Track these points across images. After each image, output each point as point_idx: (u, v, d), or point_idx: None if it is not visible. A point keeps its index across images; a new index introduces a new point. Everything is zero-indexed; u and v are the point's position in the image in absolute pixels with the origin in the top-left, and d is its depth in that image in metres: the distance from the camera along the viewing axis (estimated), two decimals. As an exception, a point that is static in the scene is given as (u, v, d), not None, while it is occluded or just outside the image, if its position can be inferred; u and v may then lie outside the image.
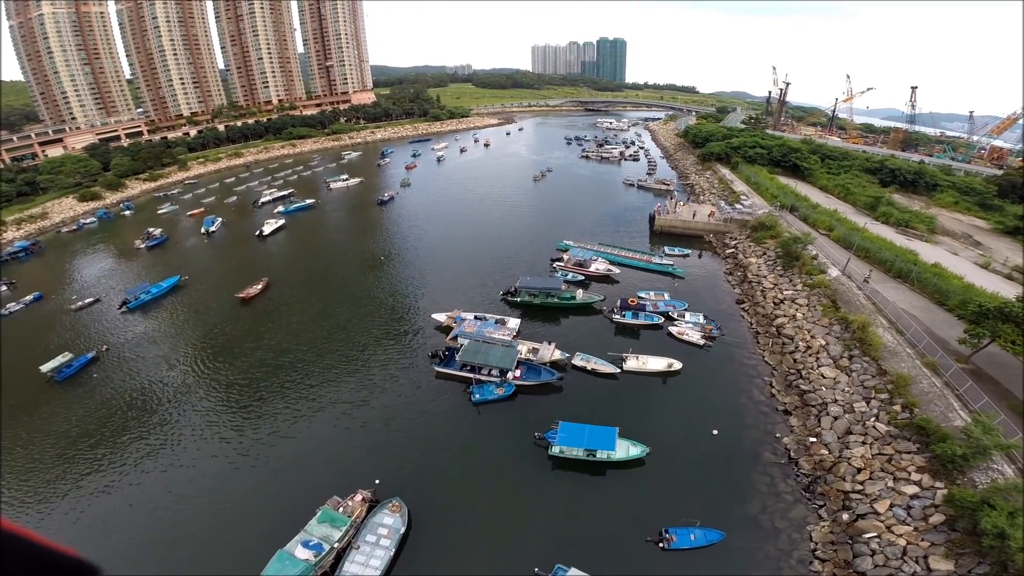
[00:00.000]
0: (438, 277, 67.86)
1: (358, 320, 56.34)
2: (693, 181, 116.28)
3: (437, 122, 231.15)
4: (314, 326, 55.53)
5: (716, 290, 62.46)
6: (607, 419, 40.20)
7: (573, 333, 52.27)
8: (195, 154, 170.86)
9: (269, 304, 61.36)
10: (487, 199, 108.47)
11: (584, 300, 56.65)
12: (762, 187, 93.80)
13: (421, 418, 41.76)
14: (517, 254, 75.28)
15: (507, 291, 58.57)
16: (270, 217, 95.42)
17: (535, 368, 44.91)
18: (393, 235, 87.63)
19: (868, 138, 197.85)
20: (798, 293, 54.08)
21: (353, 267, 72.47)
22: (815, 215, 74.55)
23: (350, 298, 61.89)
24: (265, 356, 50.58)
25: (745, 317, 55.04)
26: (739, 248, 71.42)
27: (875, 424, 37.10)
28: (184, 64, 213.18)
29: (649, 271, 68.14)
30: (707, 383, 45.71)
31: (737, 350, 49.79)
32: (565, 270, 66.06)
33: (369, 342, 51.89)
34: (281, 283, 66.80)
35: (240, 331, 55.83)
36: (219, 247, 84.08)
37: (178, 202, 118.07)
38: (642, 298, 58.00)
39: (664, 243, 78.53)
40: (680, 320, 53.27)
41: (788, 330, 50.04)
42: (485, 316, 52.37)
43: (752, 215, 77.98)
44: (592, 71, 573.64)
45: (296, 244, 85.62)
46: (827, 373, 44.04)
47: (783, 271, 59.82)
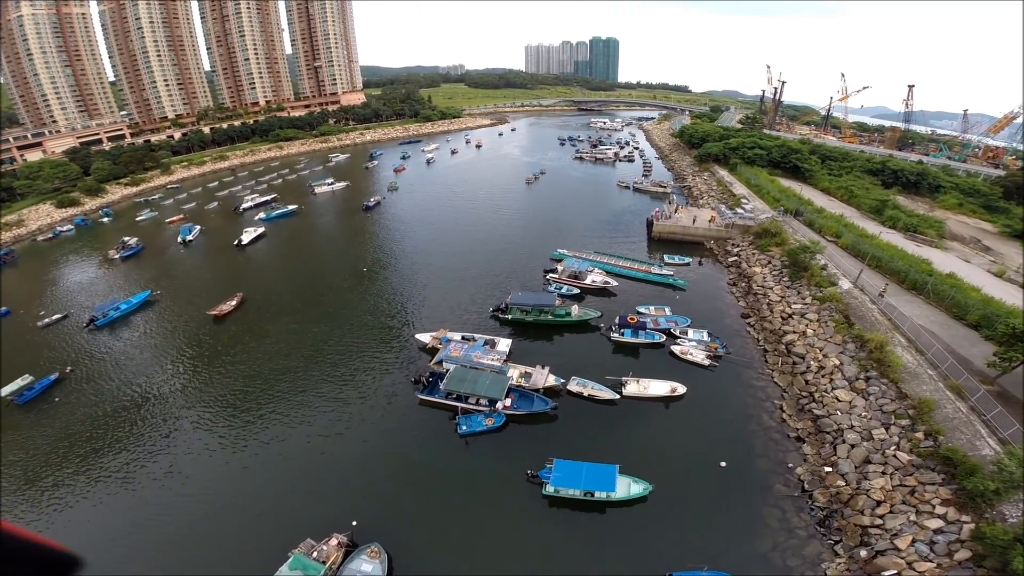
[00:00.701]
0: (423, 291, 63.88)
1: (336, 341, 52.39)
2: (690, 183, 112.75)
3: (428, 123, 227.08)
4: (288, 348, 51.63)
5: (719, 303, 58.94)
6: (606, 452, 37.17)
7: (568, 354, 48.61)
8: (179, 157, 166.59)
9: (243, 322, 57.43)
10: (478, 204, 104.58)
11: (580, 317, 52.94)
12: (763, 190, 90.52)
13: (403, 451, 38.19)
14: (508, 265, 71.21)
15: (497, 307, 54.71)
16: (251, 224, 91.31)
17: (527, 396, 41.33)
18: (377, 244, 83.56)
19: (863, 137, 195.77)
20: (807, 307, 50.73)
21: (334, 280, 68.23)
22: (821, 220, 71.15)
23: (329, 316, 57.79)
24: (235, 382, 46.77)
25: (751, 333, 51.68)
26: (742, 256, 67.87)
27: (896, 453, 34.23)
28: (168, 65, 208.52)
29: (648, 282, 64.35)
30: (713, 408, 42.38)
31: (744, 370, 46.45)
32: (559, 283, 62.29)
33: (347, 366, 48.04)
34: (257, 298, 62.74)
35: (210, 353, 51.94)
36: (196, 257, 79.95)
37: (159, 208, 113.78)
38: (642, 314, 54.53)
39: (663, 250, 75.03)
40: (683, 338, 49.79)
41: (798, 348, 46.74)
42: (473, 337, 48.55)
43: (754, 220, 74.53)
44: (585, 71, 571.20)
45: (275, 254, 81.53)
46: (842, 396, 40.79)
47: (790, 282, 56.36)
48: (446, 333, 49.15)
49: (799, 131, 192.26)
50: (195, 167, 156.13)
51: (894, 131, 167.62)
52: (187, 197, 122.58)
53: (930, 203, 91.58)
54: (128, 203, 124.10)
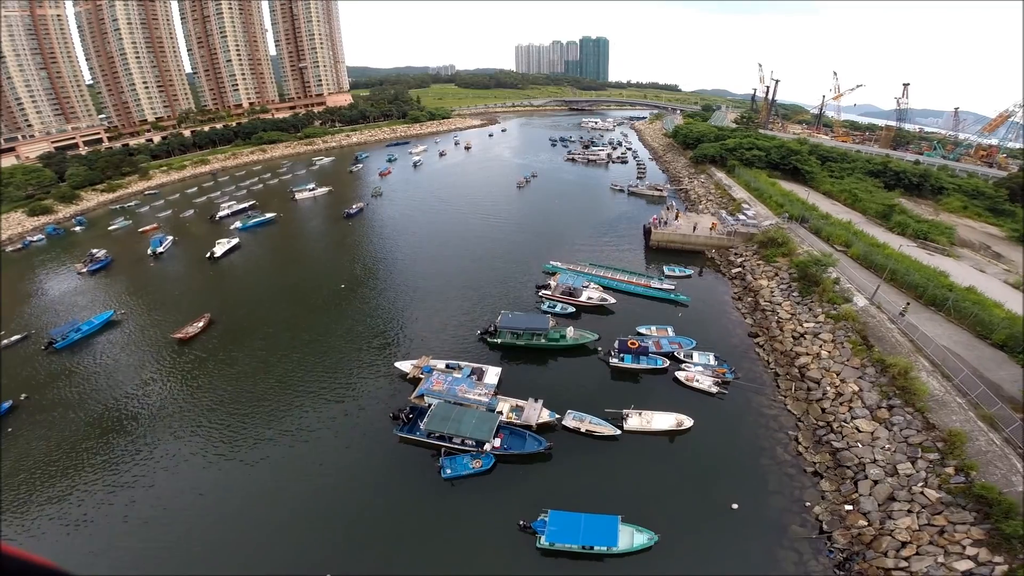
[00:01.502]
0: (405, 312, 58.84)
1: (308, 369, 47.80)
2: (687, 186, 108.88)
3: (416, 124, 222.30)
4: (255, 377, 47.08)
5: (724, 320, 54.89)
6: (605, 497, 33.64)
7: (563, 382, 44.51)
8: (159, 162, 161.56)
9: (209, 346, 52.82)
10: (466, 210, 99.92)
11: (575, 340, 48.56)
12: (764, 194, 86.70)
13: (380, 496, 34.25)
14: (498, 279, 66.27)
15: (485, 330, 50.14)
16: (226, 234, 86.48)
17: (519, 434, 37.23)
18: (357, 257, 78.14)
19: (856, 136, 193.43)
20: (821, 326, 46.97)
21: (309, 298, 63.12)
22: (829, 228, 67.20)
23: (301, 341, 52.91)
24: (196, 415, 42.34)
25: (761, 355, 47.75)
26: (746, 267, 63.82)
27: (924, 490, 31.29)
28: (148, 67, 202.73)
29: (648, 298, 59.98)
30: (722, 442, 38.67)
31: (755, 397, 42.71)
32: (552, 300, 57.80)
33: (319, 398, 43.55)
34: (225, 319, 58.01)
35: (173, 381, 47.42)
36: (165, 272, 74.87)
37: (133, 216, 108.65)
38: (642, 335, 50.46)
39: (661, 260, 71.06)
40: (688, 362, 45.90)
41: (813, 372, 43.08)
42: (459, 364, 44.16)
43: (758, 227, 70.68)
44: (576, 70, 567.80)
45: (249, 268, 76.38)
46: (863, 426, 37.41)
47: (800, 298, 52.45)
48: (428, 361, 44.72)
49: (792, 130, 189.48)
50: (175, 172, 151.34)
51: (888, 130, 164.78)
52: (164, 204, 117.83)
53: (934, 206, 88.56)
54: (104, 210, 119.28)
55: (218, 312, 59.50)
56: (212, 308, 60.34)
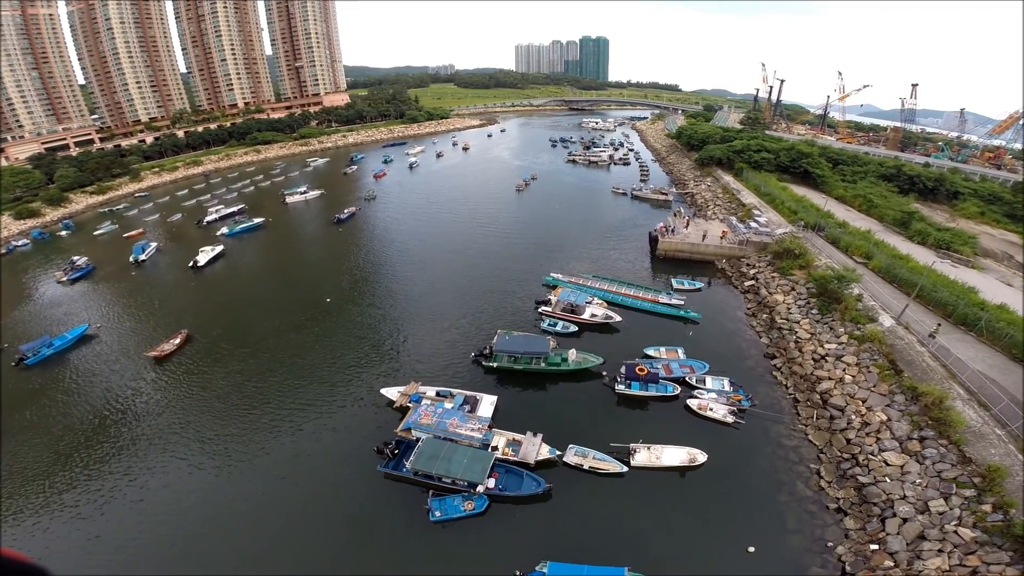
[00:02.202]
0: (393, 330, 54.68)
1: (286, 395, 44.08)
2: (693, 190, 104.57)
3: (414, 124, 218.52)
4: (230, 401, 43.60)
5: (738, 339, 51.01)
6: (611, 543, 30.47)
7: (565, 412, 40.81)
8: (151, 163, 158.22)
9: (185, 365, 49.31)
10: (462, 216, 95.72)
11: (578, 364, 44.60)
12: (775, 199, 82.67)
13: (361, 540, 31.01)
14: (494, 293, 62.18)
15: (480, 352, 46.26)
16: (211, 241, 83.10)
17: (516, 472, 33.74)
18: (345, 267, 73.55)
19: (860, 136, 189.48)
20: (843, 348, 43.41)
21: (291, 314, 58.71)
22: (847, 238, 63.27)
23: (280, 363, 48.98)
24: (168, 445, 38.94)
25: (779, 378, 44.12)
26: (760, 280, 59.83)
27: (957, 529, 28.64)
28: (141, 67, 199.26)
29: (656, 315, 55.81)
30: (738, 477, 35.32)
31: (773, 426, 39.28)
32: (553, 317, 53.60)
33: (298, 428, 39.99)
34: (204, 335, 54.43)
35: (144, 406, 43.94)
36: (146, 281, 71.25)
37: (121, 220, 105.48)
38: (651, 357, 46.69)
39: (668, 271, 67.24)
40: (700, 389, 42.27)
41: (836, 399, 39.65)
42: (450, 392, 40.50)
43: (771, 236, 66.74)
44: (575, 70, 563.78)
45: (232, 279, 72.39)
46: (892, 459, 34.16)
47: (820, 315, 48.66)
48: (417, 388, 41.06)
49: (796, 131, 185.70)
50: (167, 173, 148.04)
51: (896, 131, 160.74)
52: (153, 207, 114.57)
53: (949, 211, 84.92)
54: (93, 214, 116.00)
55: (197, 327, 56.04)
56: (191, 322, 57.07)
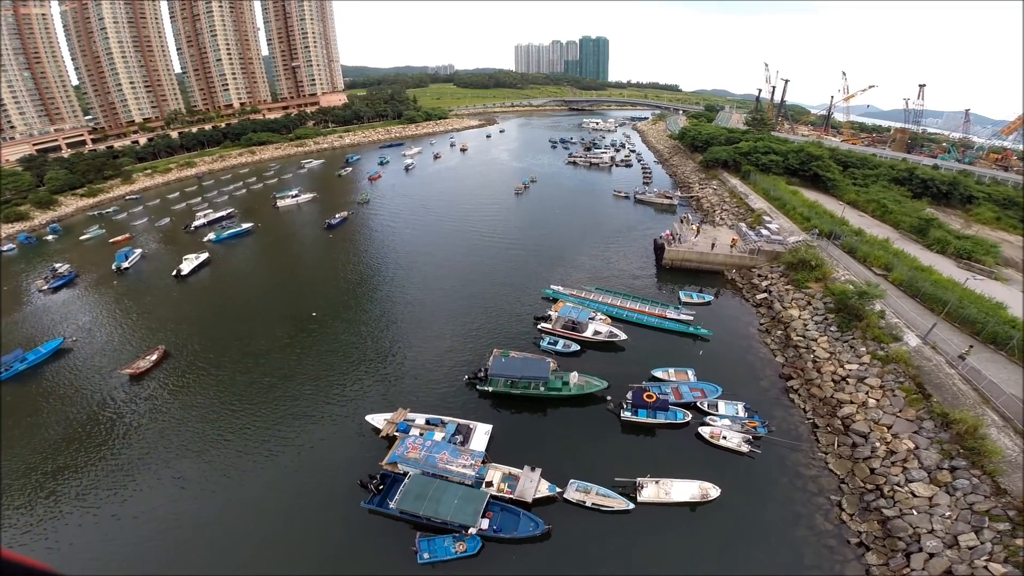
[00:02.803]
0: (381, 349, 50.87)
1: (266, 418, 40.95)
2: (698, 193, 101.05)
3: (412, 124, 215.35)
4: (206, 424, 40.53)
5: (751, 357, 47.57)
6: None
7: (565, 441, 37.58)
8: (144, 164, 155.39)
9: (160, 384, 46.19)
10: (458, 222, 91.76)
11: (580, 389, 41.03)
12: (786, 204, 78.85)
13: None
14: (491, 308, 58.31)
15: (474, 374, 42.97)
16: (197, 247, 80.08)
17: (512, 511, 30.62)
18: (333, 278, 69.84)
19: (864, 137, 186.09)
20: (866, 369, 40.29)
21: (275, 329, 55.08)
22: (864, 247, 59.56)
23: (260, 384, 45.55)
24: (135, 469, 36.06)
25: (796, 401, 40.97)
26: (773, 293, 56.33)
27: (988, 564, 26.73)
28: (135, 67, 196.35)
29: (663, 331, 52.01)
30: (753, 510, 32.34)
31: (790, 454, 36.23)
32: (553, 335, 49.85)
33: (275, 457, 36.86)
34: (182, 351, 51.25)
35: (116, 426, 41.02)
36: (128, 291, 68.01)
37: (109, 224, 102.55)
38: (659, 380, 43.37)
39: (675, 281, 63.77)
40: (713, 414, 39.08)
41: (859, 424, 36.61)
42: (441, 420, 37.31)
43: (783, 244, 63.13)
44: (575, 70, 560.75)
45: (216, 289, 68.89)
46: (920, 490, 31.32)
47: (839, 333, 45.39)
48: (405, 415, 37.82)
49: (801, 132, 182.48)
50: (159, 175, 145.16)
51: (903, 132, 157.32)
52: (142, 211, 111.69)
53: (964, 217, 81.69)
54: (82, 217, 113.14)
55: (175, 342, 52.98)
56: (170, 337, 54.06)
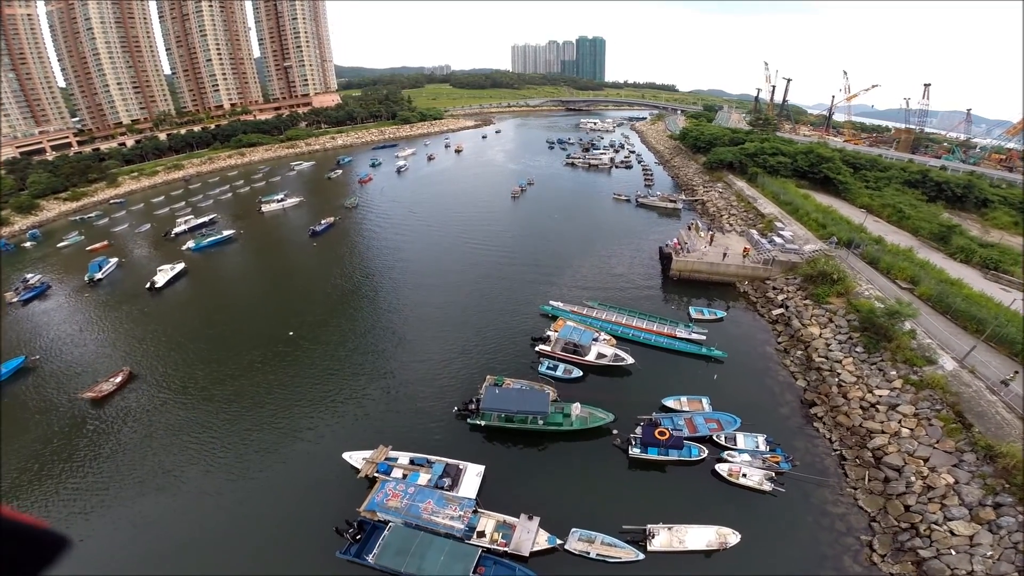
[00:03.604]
0: (362, 373, 45.67)
1: (231, 453, 36.76)
2: (703, 196, 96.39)
3: (406, 125, 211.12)
4: (166, 457, 36.42)
5: (769, 380, 43.23)
6: None
7: (566, 483, 33.35)
8: (131, 167, 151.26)
9: (121, 410, 42.04)
10: (450, 228, 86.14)
11: (582, 423, 36.60)
12: (799, 209, 74.38)
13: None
14: (483, 326, 52.94)
15: (465, 405, 38.19)
16: (176, 256, 75.86)
17: (507, 567, 26.61)
18: (313, 292, 64.04)
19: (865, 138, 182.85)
20: (898, 395, 36.49)
21: (247, 350, 50.21)
22: (887, 258, 54.88)
23: (227, 412, 41.08)
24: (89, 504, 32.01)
25: (821, 430, 37.02)
26: (790, 308, 51.83)
27: None
28: (123, 68, 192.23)
29: (673, 352, 47.25)
30: (776, 555, 28.72)
31: (815, 490, 32.45)
32: (552, 359, 44.94)
33: (241, 499, 32.79)
34: (149, 373, 47.02)
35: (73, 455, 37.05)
36: (99, 304, 63.64)
37: (90, 230, 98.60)
38: (671, 411, 38.99)
39: (682, 293, 59.28)
40: (731, 449, 35.02)
41: (892, 457, 32.90)
42: (427, 460, 33.04)
43: (799, 254, 58.64)
44: (572, 70, 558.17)
45: (190, 304, 63.65)
46: (960, 529, 28.11)
47: (866, 354, 41.27)
48: (387, 453, 33.65)
49: (802, 132, 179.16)
50: (146, 178, 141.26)
51: (908, 132, 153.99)
52: (125, 215, 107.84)
53: (980, 222, 78.07)
54: (64, 222, 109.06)
55: (143, 363, 48.80)
56: (138, 356, 49.95)
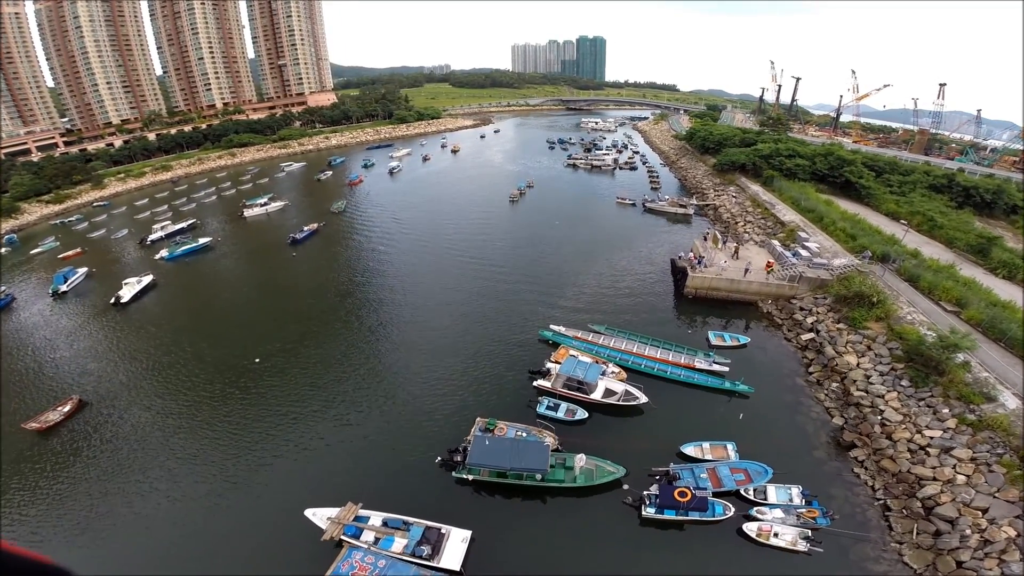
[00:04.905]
0: (329, 414, 38.72)
1: (180, 507, 31.31)
2: (714, 201, 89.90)
3: (403, 125, 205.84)
4: (105, 508, 31.14)
5: (800, 416, 37.20)
6: None
7: (567, 550, 27.64)
8: (119, 168, 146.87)
9: (67, 445, 36.81)
10: (441, 237, 79.41)
11: (587, 479, 30.76)
12: (824, 217, 67.22)
13: None
14: (474, 354, 45.80)
15: (450, 454, 32.48)
16: (146, 266, 70.83)
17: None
18: (286, 310, 56.77)
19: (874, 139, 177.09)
20: (952, 437, 31.30)
21: (208, 380, 44.05)
22: (928, 275, 48.04)
23: (180, 455, 35.32)
24: None
25: (862, 476, 31.73)
26: (821, 332, 45.14)
27: None
28: (112, 67, 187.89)
29: (692, 386, 40.72)
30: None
31: (854, 545, 27.34)
32: (553, 397, 38.29)
33: (187, 556, 27.58)
34: (101, 403, 41.67)
35: (15, 495, 31.97)
36: (60, 320, 58.02)
37: (68, 235, 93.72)
38: (691, 460, 33.08)
39: (699, 313, 52.74)
40: (761, 504, 29.66)
41: (945, 507, 27.89)
42: (404, 522, 27.58)
43: (829, 269, 51.59)
44: (572, 70, 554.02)
45: (156, 322, 56.45)
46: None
47: (913, 388, 35.71)
48: (356, 512, 28.25)
49: (810, 133, 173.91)
50: (132, 179, 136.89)
51: (923, 134, 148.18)
52: (106, 219, 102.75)
53: (1011, 229, 72.53)
54: (45, 225, 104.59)
55: (96, 390, 43.53)
56: (93, 382, 44.70)
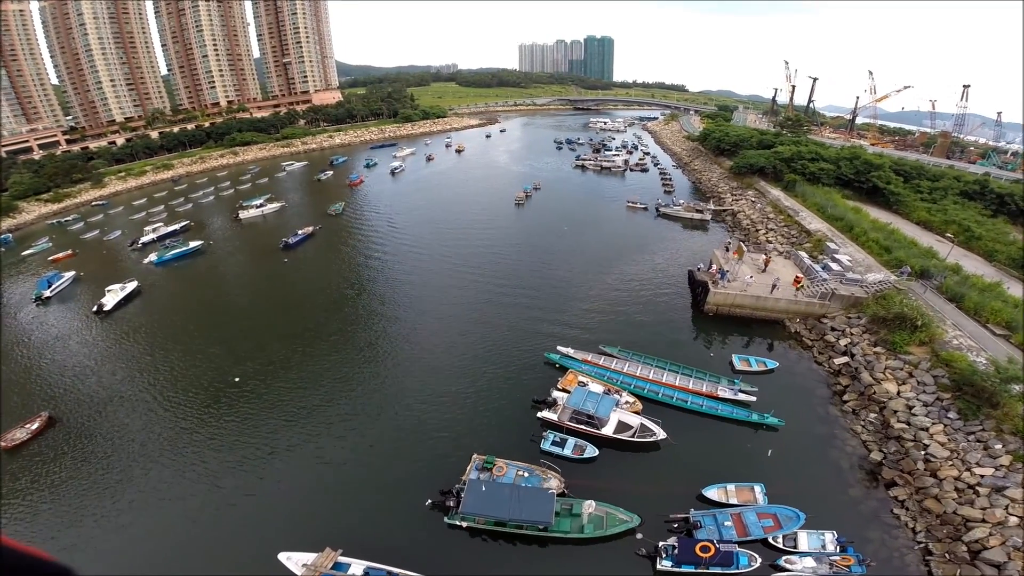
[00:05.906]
0: (309, 447, 34.56)
1: (145, 542, 27.69)
2: (732, 207, 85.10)
3: (408, 124, 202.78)
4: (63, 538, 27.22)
5: (834, 450, 33.05)
6: None
7: None
8: (120, 167, 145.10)
9: (34, 464, 33.72)
10: (440, 245, 74.23)
11: (599, 530, 26.79)
12: (853, 227, 62.16)
13: None
14: (472, 378, 41.28)
15: (443, 496, 28.50)
16: (134, 271, 67.77)
17: None
18: (271, 324, 52.59)
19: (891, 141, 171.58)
20: (1006, 475, 27.36)
21: (184, 399, 40.26)
22: (973, 294, 43.39)
23: (145, 485, 31.66)
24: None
25: (903, 517, 27.75)
26: (856, 356, 40.32)
27: None
28: (116, 64, 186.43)
29: (715, 418, 36.21)
30: None
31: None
32: (559, 431, 34.13)
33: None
34: (71, 421, 38.17)
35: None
36: (40, 330, 54.76)
37: (62, 235, 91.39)
38: (713, 505, 28.88)
39: (719, 332, 48.06)
40: (792, 553, 25.72)
41: (994, 552, 24.36)
42: (389, 572, 23.84)
43: (864, 286, 46.56)
44: (580, 69, 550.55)
45: (137, 333, 52.34)
46: None
47: (962, 421, 31.53)
48: (335, 559, 24.45)
49: (827, 135, 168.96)
50: (133, 178, 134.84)
51: (945, 136, 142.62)
52: (103, 219, 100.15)
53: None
54: (43, 225, 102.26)
55: (68, 407, 40.05)
56: (67, 397, 41.31)
